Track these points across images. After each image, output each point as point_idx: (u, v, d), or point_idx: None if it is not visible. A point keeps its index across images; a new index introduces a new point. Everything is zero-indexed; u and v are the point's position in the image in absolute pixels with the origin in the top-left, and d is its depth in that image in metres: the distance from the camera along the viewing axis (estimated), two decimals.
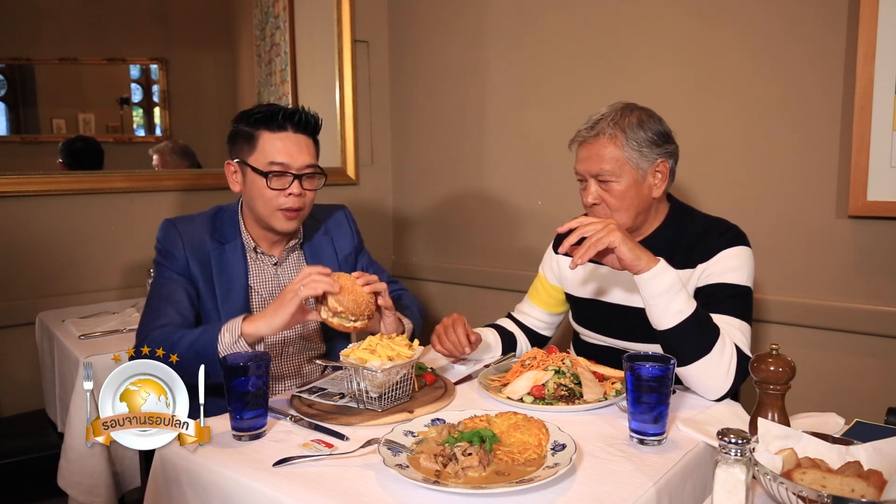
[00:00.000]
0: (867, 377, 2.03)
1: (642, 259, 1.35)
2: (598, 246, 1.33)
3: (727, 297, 1.46)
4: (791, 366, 1.13)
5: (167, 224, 1.61)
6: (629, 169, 1.50)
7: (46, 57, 2.64)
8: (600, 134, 1.51)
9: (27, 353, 2.37)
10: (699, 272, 1.51)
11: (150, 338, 1.43)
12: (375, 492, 1.01)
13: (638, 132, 1.50)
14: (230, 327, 1.37)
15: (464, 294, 3.04)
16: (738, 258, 1.49)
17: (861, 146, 1.92)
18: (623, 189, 1.51)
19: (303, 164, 1.55)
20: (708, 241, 1.53)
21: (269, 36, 3.10)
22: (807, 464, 0.96)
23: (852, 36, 1.93)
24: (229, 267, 1.59)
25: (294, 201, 1.54)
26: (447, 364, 1.67)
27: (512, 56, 2.77)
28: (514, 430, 1.14)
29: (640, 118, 1.52)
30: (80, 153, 2.62)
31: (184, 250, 1.56)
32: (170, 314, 1.49)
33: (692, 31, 2.26)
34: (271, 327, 1.36)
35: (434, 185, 3.14)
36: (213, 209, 1.68)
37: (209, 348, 1.35)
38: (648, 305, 1.38)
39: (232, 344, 1.35)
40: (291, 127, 1.55)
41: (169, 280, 1.56)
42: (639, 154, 1.50)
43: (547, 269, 1.83)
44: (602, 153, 1.51)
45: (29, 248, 2.39)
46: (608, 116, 1.52)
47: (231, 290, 1.57)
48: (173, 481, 1.18)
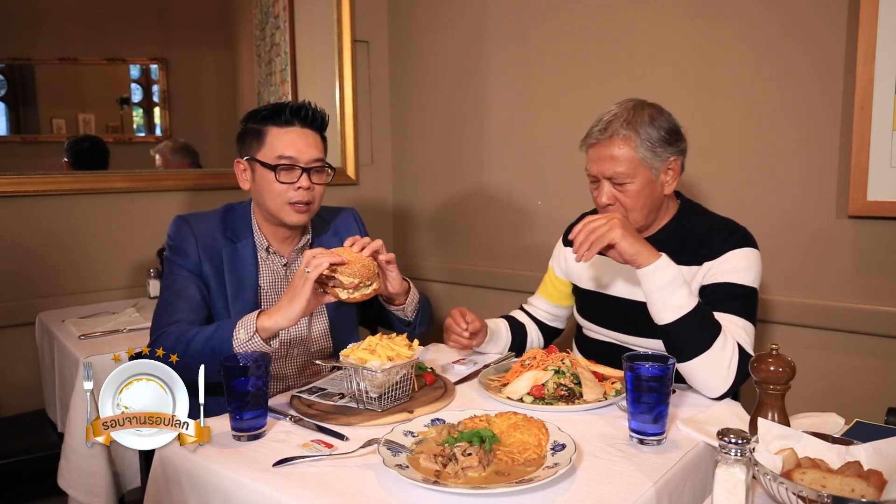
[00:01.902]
0: (867, 377, 2.03)
1: (643, 253, 1.37)
2: (600, 242, 1.36)
3: (732, 296, 1.46)
4: (791, 366, 1.13)
5: (179, 220, 1.60)
6: (643, 169, 1.50)
7: (46, 57, 2.64)
8: (614, 135, 1.50)
9: (27, 353, 2.37)
10: (705, 270, 1.52)
11: (164, 334, 1.43)
12: (375, 492, 1.01)
13: (650, 131, 1.49)
14: (245, 324, 1.36)
15: (464, 294, 3.04)
16: (745, 259, 1.50)
17: (861, 146, 1.92)
18: (637, 189, 1.51)
19: (311, 157, 1.56)
20: (715, 239, 1.53)
21: (269, 36, 3.10)
22: (807, 464, 0.96)
23: (852, 36, 1.93)
24: (240, 265, 1.59)
25: (303, 194, 1.55)
26: (447, 364, 1.67)
27: (512, 56, 2.77)
28: (514, 430, 1.14)
29: (652, 115, 1.52)
30: (86, 153, 2.63)
31: (196, 247, 1.56)
32: (182, 310, 1.49)
33: (692, 31, 2.26)
34: (289, 318, 1.34)
35: (434, 184, 3.14)
36: (224, 207, 1.67)
37: (224, 345, 1.34)
38: (649, 300, 1.40)
39: (247, 340, 1.34)
40: (299, 122, 1.57)
41: (180, 277, 1.55)
42: (652, 154, 1.50)
43: (555, 263, 1.85)
44: (616, 155, 1.50)
45: (29, 248, 2.39)
46: (620, 116, 1.51)
47: (242, 289, 1.57)
48: (173, 481, 1.18)
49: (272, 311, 1.36)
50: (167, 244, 1.60)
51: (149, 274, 2.53)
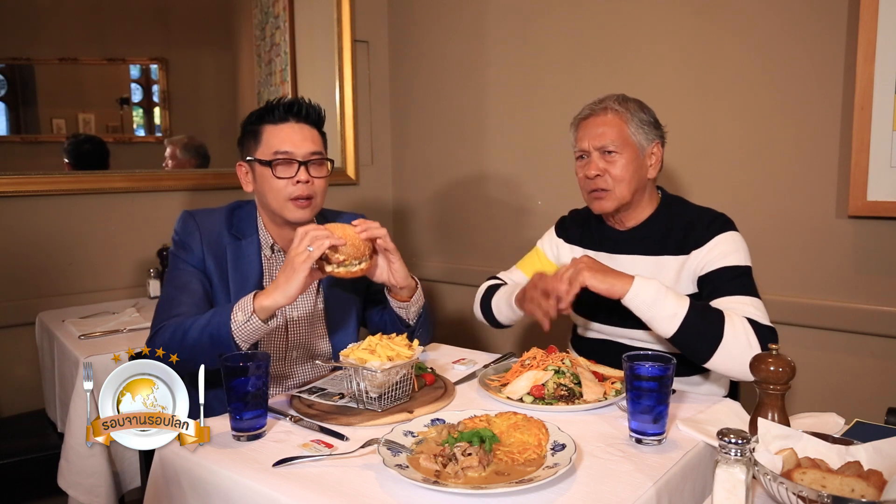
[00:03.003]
0: (867, 377, 2.03)
1: (616, 284, 1.43)
2: (574, 289, 1.45)
3: (732, 278, 1.51)
4: (791, 366, 1.13)
5: (186, 216, 1.60)
6: (632, 144, 1.59)
7: (46, 57, 2.64)
8: (607, 108, 1.60)
9: (27, 353, 2.37)
10: (695, 259, 1.56)
11: (164, 328, 1.43)
12: (375, 492, 1.01)
13: (639, 113, 1.60)
14: (241, 306, 1.35)
15: (464, 294, 3.04)
16: (732, 242, 1.55)
17: (861, 146, 1.92)
18: (626, 162, 1.58)
19: (307, 151, 1.56)
20: (698, 228, 1.58)
21: (269, 36, 3.10)
22: (807, 464, 0.96)
23: (852, 36, 1.93)
24: (244, 263, 1.58)
25: (303, 189, 1.54)
26: (447, 364, 1.67)
27: (512, 56, 2.77)
28: (514, 430, 1.14)
29: (639, 103, 1.63)
30: (87, 155, 2.63)
31: (201, 243, 1.56)
32: (185, 305, 1.48)
33: (692, 31, 2.26)
34: (287, 295, 1.33)
35: (434, 184, 3.14)
36: (232, 204, 1.67)
37: (222, 329, 1.33)
38: (646, 321, 1.43)
39: (245, 322, 1.33)
40: (293, 118, 1.57)
41: (184, 272, 1.55)
42: (642, 132, 1.59)
43: (547, 247, 1.86)
44: (609, 124, 1.59)
45: (29, 248, 2.39)
46: (611, 97, 1.62)
47: (245, 286, 1.56)
48: (173, 481, 1.18)
49: (269, 290, 1.35)
50: (172, 238, 1.59)
51: (149, 274, 2.53)
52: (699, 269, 1.55)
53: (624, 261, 1.64)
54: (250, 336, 1.35)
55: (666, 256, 1.60)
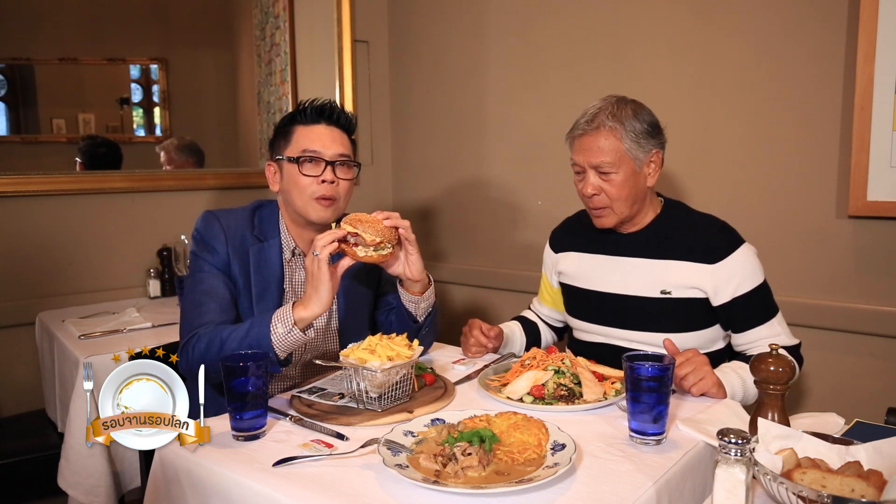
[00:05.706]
0: (867, 377, 2.03)
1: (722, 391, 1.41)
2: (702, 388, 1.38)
3: (754, 306, 1.56)
4: (791, 366, 1.13)
5: (209, 216, 1.58)
6: (628, 160, 1.56)
7: (46, 57, 2.64)
8: (600, 126, 1.55)
9: (27, 353, 2.37)
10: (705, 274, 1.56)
11: (196, 336, 1.43)
12: (375, 492, 1.01)
13: (635, 124, 1.55)
14: (281, 318, 1.36)
15: (465, 294, 3.04)
16: (746, 261, 1.57)
17: (861, 146, 1.92)
18: (622, 180, 1.56)
19: (335, 152, 1.57)
20: (705, 238, 1.59)
21: (269, 36, 3.10)
22: (807, 464, 0.96)
23: (852, 36, 1.93)
24: (266, 266, 1.58)
25: (328, 189, 1.55)
26: (447, 364, 1.67)
27: (512, 56, 2.77)
28: (514, 430, 1.14)
29: (635, 109, 1.57)
30: (102, 157, 2.64)
31: (226, 244, 1.55)
32: (213, 311, 1.48)
33: (692, 31, 2.26)
34: (323, 304, 1.36)
35: (434, 184, 3.14)
36: (253, 204, 1.67)
37: (262, 342, 1.34)
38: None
39: (286, 334, 1.35)
40: (324, 120, 1.60)
41: (209, 274, 1.53)
42: (637, 146, 1.56)
43: (545, 270, 1.89)
44: (602, 145, 1.55)
45: (29, 248, 2.39)
46: (605, 109, 1.56)
47: (267, 290, 1.56)
48: (173, 481, 1.18)
49: (304, 302, 1.37)
50: (194, 238, 1.57)
51: (149, 274, 2.54)
52: (714, 293, 1.56)
53: (626, 264, 1.65)
54: (289, 347, 1.37)
55: (671, 261, 1.60)
